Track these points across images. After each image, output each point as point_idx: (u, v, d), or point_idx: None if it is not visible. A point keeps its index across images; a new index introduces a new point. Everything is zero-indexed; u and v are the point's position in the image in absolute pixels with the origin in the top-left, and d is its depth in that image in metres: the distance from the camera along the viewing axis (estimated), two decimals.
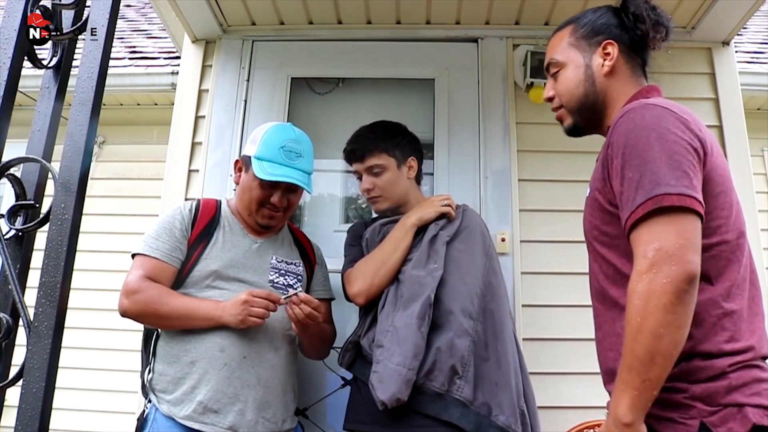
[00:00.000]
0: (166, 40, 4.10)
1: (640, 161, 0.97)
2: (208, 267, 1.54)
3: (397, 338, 1.47)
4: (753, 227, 2.17)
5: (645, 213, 0.94)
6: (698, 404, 0.93)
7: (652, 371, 0.89)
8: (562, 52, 1.23)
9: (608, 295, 1.08)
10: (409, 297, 1.52)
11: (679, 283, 0.89)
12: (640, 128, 0.99)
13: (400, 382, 1.41)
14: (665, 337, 0.89)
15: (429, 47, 2.40)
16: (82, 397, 3.50)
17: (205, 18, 2.32)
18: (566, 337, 2.03)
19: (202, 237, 1.58)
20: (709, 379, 0.94)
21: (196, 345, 1.48)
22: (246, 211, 1.63)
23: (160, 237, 1.55)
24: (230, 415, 1.44)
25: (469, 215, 1.72)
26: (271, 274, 1.61)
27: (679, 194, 0.92)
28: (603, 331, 1.11)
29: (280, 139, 1.59)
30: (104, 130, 3.94)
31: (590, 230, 1.14)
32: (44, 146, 1.16)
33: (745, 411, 0.91)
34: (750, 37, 4.33)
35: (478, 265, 1.60)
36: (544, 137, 2.28)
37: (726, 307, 0.97)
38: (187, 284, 1.55)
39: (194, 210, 1.62)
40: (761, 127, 3.71)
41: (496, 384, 1.47)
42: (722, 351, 0.94)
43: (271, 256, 1.65)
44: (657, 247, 0.91)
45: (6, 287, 1.08)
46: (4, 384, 1.06)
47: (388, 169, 1.72)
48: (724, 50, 2.38)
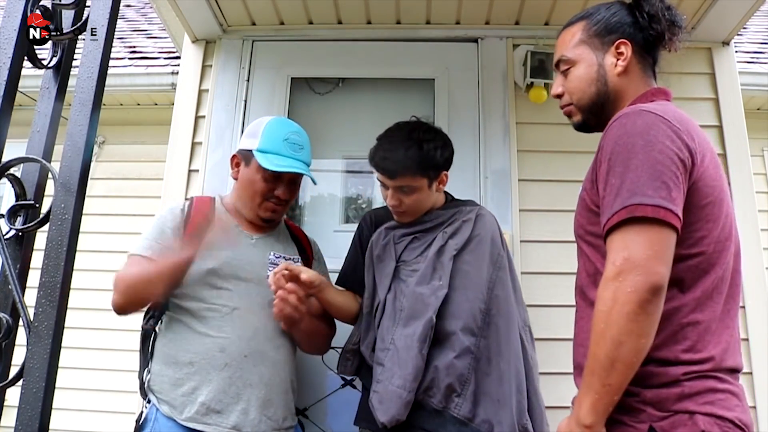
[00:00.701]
0: (166, 40, 4.10)
1: (623, 168, 0.97)
2: (205, 266, 1.52)
3: (398, 359, 1.45)
4: (753, 227, 2.18)
5: (619, 221, 0.95)
6: (649, 409, 0.94)
7: (612, 377, 0.91)
8: (573, 49, 1.21)
9: (586, 293, 1.10)
10: (410, 314, 1.49)
11: (643, 293, 0.89)
12: (629, 135, 0.99)
13: (400, 405, 1.41)
14: (626, 345, 0.90)
15: (429, 47, 2.40)
16: (82, 397, 3.50)
17: (205, 18, 2.32)
18: (566, 337, 2.01)
19: (195, 236, 1.56)
20: (661, 385, 0.94)
21: (194, 345, 1.47)
22: (248, 205, 1.62)
23: (151, 236, 1.55)
24: (233, 414, 1.43)
25: (482, 222, 1.62)
26: (269, 271, 1.58)
27: (654, 206, 0.93)
28: (579, 327, 1.13)
29: (283, 131, 1.59)
30: (104, 130, 3.94)
31: (577, 228, 1.15)
32: (44, 146, 1.16)
33: (695, 418, 0.91)
34: (750, 37, 4.33)
35: (484, 278, 1.54)
36: (544, 137, 2.28)
37: (692, 318, 0.97)
38: (184, 284, 1.53)
39: (187, 209, 1.61)
40: (761, 127, 3.71)
41: (498, 401, 1.44)
42: (679, 359, 0.95)
43: (269, 252, 1.63)
44: (626, 256, 0.92)
45: (6, 287, 1.08)
46: (4, 384, 1.06)
47: (418, 190, 1.58)
48: (724, 50, 2.38)
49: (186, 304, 1.51)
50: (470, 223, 1.61)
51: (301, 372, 1.89)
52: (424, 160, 1.56)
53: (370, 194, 2.42)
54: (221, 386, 1.44)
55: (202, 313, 1.49)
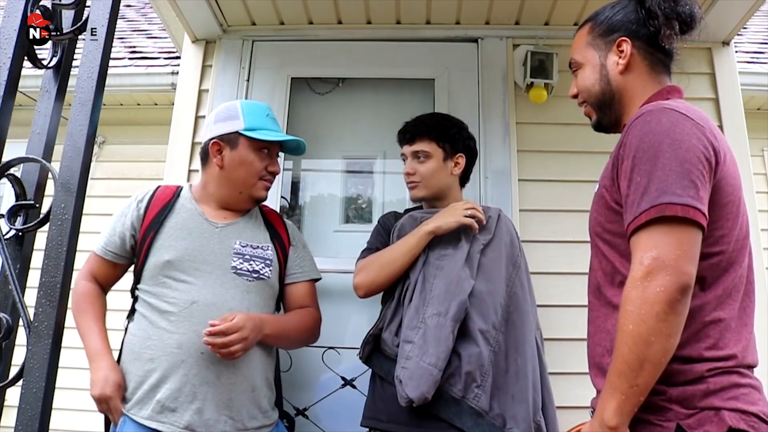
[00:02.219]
0: (166, 40, 4.10)
1: (650, 166, 0.96)
2: (161, 258, 1.46)
3: (430, 337, 1.45)
4: (753, 227, 2.16)
5: (647, 220, 0.94)
6: (675, 407, 0.94)
7: (640, 377, 0.90)
8: (580, 52, 1.23)
9: (603, 292, 1.09)
10: (443, 295, 1.49)
11: (673, 293, 0.89)
12: (655, 133, 0.98)
13: (431, 382, 1.41)
14: (655, 345, 0.89)
15: (429, 47, 2.40)
16: (82, 397, 3.48)
17: (205, 18, 2.32)
18: (566, 337, 2.03)
19: (152, 226, 1.52)
20: (686, 383, 0.94)
21: (155, 341, 1.41)
22: (240, 188, 1.56)
23: (106, 232, 1.55)
24: (187, 413, 1.37)
25: (504, 222, 1.68)
26: (234, 260, 1.50)
27: (683, 205, 0.92)
28: (595, 326, 1.12)
29: (261, 108, 1.60)
30: (104, 130, 3.94)
31: (594, 226, 1.14)
32: (44, 146, 1.17)
33: (721, 414, 0.91)
34: (750, 37, 4.33)
35: (503, 275, 1.58)
36: (544, 137, 2.28)
37: (714, 316, 0.97)
38: (143, 278, 1.48)
39: (148, 198, 1.58)
40: (761, 127, 3.71)
41: (512, 396, 1.46)
42: (702, 357, 0.95)
43: (234, 241, 1.54)
44: (654, 255, 0.92)
45: (6, 287, 1.08)
46: (4, 384, 1.07)
47: (432, 159, 1.67)
48: (724, 50, 2.38)
49: (147, 298, 1.46)
50: (493, 221, 1.65)
51: (301, 372, 1.90)
52: (443, 130, 1.70)
53: (370, 194, 2.42)
54: (177, 384, 1.38)
55: (161, 306, 1.43)
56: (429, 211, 1.70)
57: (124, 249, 1.54)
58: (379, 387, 1.56)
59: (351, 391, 1.95)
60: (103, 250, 1.54)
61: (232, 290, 1.47)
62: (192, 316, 1.41)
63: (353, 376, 1.94)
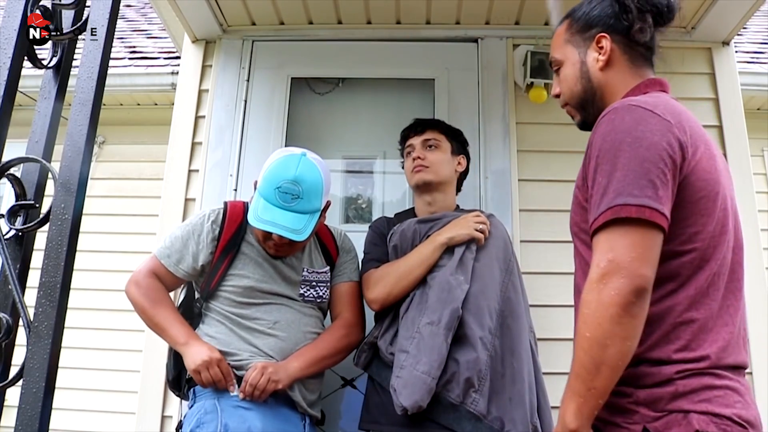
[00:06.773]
0: (166, 40, 4.10)
1: (610, 167, 0.95)
2: (242, 282, 1.55)
3: (423, 346, 1.46)
4: (753, 227, 2.17)
5: (604, 222, 0.93)
6: (642, 409, 0.93)
7: (597, 380, 0.90)
8: (560, 50, 1.21)
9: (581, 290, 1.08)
10: (436, 303, 1.51)
11: (627, 296, 0.88)
12: (617, 131, 0.97)
13: (424, 391, 1.41)
14: (611, 348, 0.89)
15: (429, 47, 2.40)
16: (82, 397, 3.50)
17: (205, 18, 2.32)
18: (566, 337, 2.02)
19: (229, 249, 1.57)
20: (654, 385, 0.93)
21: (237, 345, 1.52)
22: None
23: (174, 245, 1.58)
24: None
25: (496, 226, 1.69)
26: (302, 288, 1.61)
27: (638, 206, 0.91)
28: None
29: (278, 178, 1.48)
30: (104, 130, 3.94)
31: (572, 226, 1.15)
32: (44, 146, 1.16)
33: (690, 418, 0.89)
34: (750, 37, 4.33)
35: (497, 279, 1.59)
36: (544, 137, 2.28)
37: (686, 316, 0.95)
38: (218, 297, 1.56)
39: (221, 221, 1.59)
40: (761, 127, 3.71)
41: (510, 399, 1.46)
42: (671, 359, 0.93)
43: (303, 268, 1.63)
44: (610, 258, 0.91)
45: (6, 287, 1.08)
46: (4, 384, 1.06)
47: (441, 148, 1.77)
48: (724, 50, 2.38)
49: (220, 318, 1.56)
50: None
51: None
52: (451, 129, 1.85)
53: (370, 194, 2.42)
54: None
55: (245, 324, 1.54)
56: (429, 218, 1.72)
57: (195, 269, 1.57)
58: (378, 391, 1.57)
59: (351, 391, 1.94)
60: (175, 267, 1.57)
61: (299, 314, 1.59)
62: (273, 334, 1.53)
63: (353, 376, 1.94)
